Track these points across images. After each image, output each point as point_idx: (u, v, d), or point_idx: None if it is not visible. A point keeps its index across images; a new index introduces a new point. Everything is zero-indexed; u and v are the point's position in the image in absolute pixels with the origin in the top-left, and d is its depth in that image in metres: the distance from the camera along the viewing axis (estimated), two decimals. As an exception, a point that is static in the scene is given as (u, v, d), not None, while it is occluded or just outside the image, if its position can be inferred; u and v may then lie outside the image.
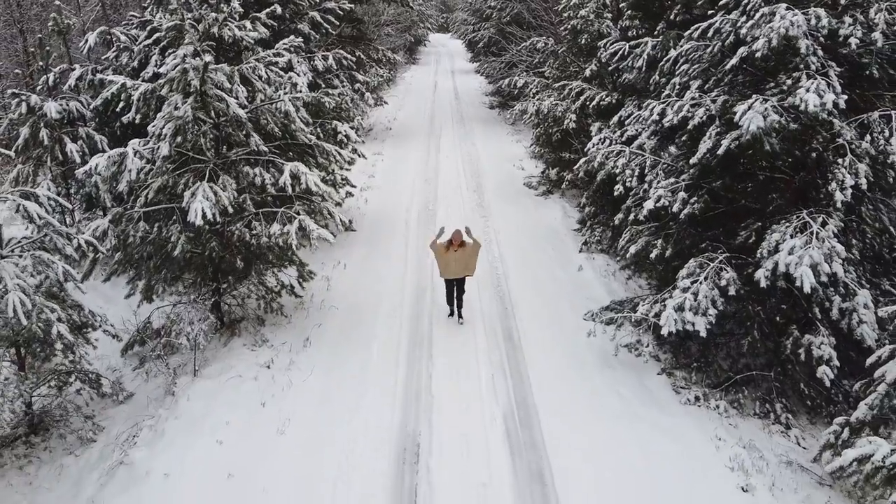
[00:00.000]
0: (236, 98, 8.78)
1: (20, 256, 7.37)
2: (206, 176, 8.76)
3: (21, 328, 7.17)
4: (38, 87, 12.56)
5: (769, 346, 8.44)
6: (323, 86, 12.70)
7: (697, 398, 8.37)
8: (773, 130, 7.47)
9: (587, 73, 15.41)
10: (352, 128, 12.93)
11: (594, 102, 13.83)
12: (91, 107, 12.72)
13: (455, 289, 10.28)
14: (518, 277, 12.01)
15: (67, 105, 12.43)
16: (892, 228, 8.28)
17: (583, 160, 10.60)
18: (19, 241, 7.71)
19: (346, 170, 13.84)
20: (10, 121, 11.54)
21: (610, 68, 13.45)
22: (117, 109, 12.42)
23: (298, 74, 11.69)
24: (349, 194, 14.80)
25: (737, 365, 8.79)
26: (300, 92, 9.72)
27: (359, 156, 14.59)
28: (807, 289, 6.95)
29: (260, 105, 9.27)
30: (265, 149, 9.21)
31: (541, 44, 18.92)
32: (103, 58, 13.94)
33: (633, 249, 9.40)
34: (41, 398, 8.08)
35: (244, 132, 9.04)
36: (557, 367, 9.18)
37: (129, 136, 10.35)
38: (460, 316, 10.40)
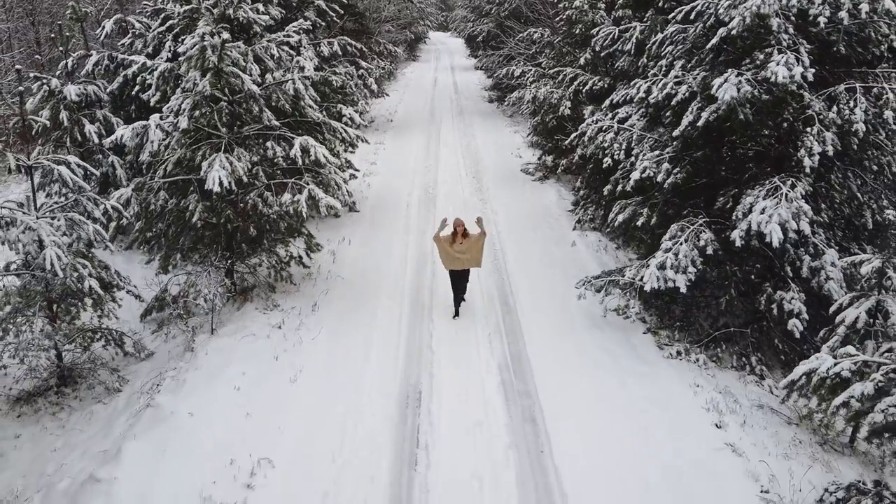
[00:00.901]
0: (250, 76, 9.41)
1: (54, 217, 8.01)
2: (223, 148, 9.40)
3: (56, 282, 7.82)
4: (58, 72, 13.20)
5: (746, 306, 9.09)
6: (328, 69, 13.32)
7: (679, 353, 9.01)
8: (747, 101, 8.12)
9: (581, 61, 16.10)
10: (356, 111, 13.55)
11: (587, 87, 14.49)
12: (107, 91, 13.37)
13: (459, 279, 10.01)
14: (514, 252, 12.66)
15: (86, 89, 13.04)
16: (859, 195, 8.93)
17: (575, 134, 11.24)
18: (51, 206, 8.36)
19: (350, 152, 14.51)
20: (40, 97, 12.14)
21: (603, 54, 14.08)
22: (132, 93, 13.18)
23: (306, 59, 12.31)
24: (353, 176, 15.44)
25: (717, 324, 9.42)
26: (309, 72, 10.33)
27: (362, 141, 15.27)
28: (775, 244, 7.58)
29: (272, 83, 9.91)
30: (277, 124, 9.85)
31: (537, 34, 19.61)
32: (119, 44, 14.57)
33: (620, 218, 10.05)
34: (71, 352, 8.71)
35: (258, 108, 9.67)
36: (550, 328, 9.81)
37: (143, 118, 10.99)
38: (458, 305, 10.08)
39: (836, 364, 5.58)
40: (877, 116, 8.12)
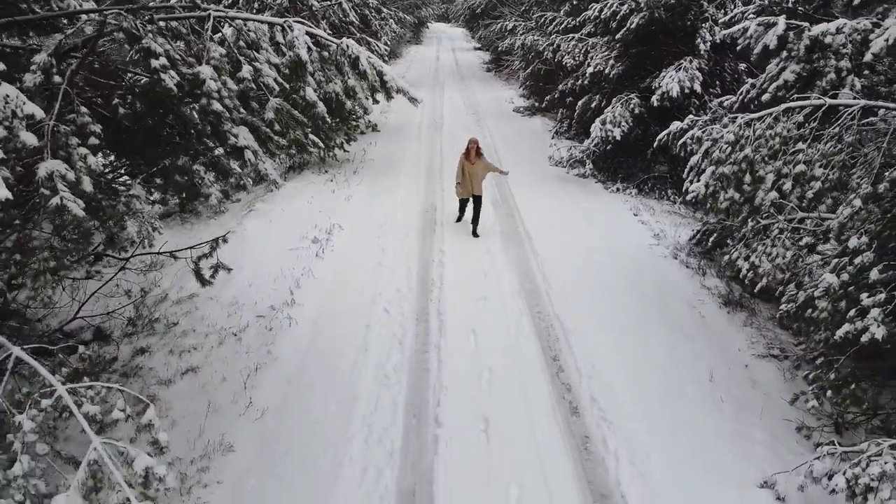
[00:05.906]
0: (312, -4, 13.09)
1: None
2: (291, 49, 13.06)
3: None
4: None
5: (666, 158, 12.75)
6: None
7: (618, 189, 12.70)
8: (661, 6, 11.78)
9: (562, 12, 19.77)
10: (382, 43, 17.21)
11: (562, 26, 18.15)
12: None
13: (471, 204, 10.66)
14: (505, 146, 16.41)
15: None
16: (745, 78, 12.57)
17: (546, 44, 14.93)
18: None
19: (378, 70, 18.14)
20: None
21: (576, 2, 17.75)
22: (205, 29, 16.86)
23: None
24: (376, 101, 19.07)
25: (648, 173, 13.10)
26: (351, -2, 14.06)
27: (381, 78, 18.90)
28: (674, 95, 11.25)
29: (324, 4, 13.58)
30: (329, 34, 13.51)
31: (527, -5, 23.44)
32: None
33: (580, 102, 13.71)
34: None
35: (314, 22, 13.34)
36: (527, 182, 13.46)
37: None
38: (475, 233, 10.59)
39: (681, 125, 9.29)
40: (750, 15, 11.75)
